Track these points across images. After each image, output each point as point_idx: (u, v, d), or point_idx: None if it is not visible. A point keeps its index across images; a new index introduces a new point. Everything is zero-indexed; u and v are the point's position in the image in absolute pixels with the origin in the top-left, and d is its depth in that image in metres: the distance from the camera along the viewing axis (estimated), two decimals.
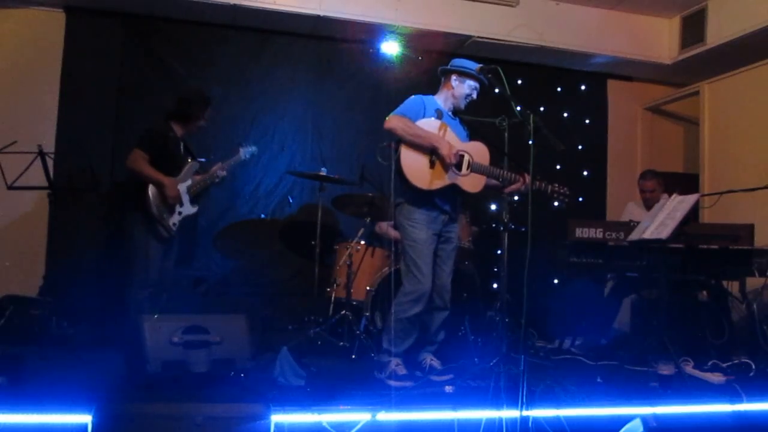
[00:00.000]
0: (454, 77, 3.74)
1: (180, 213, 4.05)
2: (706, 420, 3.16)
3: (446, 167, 3.55)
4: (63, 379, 3.27)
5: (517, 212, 4.26)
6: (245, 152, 4.39)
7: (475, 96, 3.78)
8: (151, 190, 3.94)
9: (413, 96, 3.72)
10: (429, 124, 3.61)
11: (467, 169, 3.64)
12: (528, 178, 3.55)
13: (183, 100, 4.19)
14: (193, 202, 4.13)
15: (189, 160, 4.18)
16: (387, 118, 3.56)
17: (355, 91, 5.80)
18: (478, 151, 3.70)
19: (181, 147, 4.21)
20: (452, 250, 3.78)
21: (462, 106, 3.78)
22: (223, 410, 2.73)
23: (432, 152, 3.54)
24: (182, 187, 4.07)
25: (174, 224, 4.02)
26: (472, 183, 3.69)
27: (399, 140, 3.55)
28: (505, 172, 3.67)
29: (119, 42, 5.35)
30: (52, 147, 4.88)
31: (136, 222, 3.98)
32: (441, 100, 3.78)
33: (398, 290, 3.66)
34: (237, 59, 5.60)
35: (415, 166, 3.54)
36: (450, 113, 3.77)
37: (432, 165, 3.56)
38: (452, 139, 3.62)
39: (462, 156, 3.63)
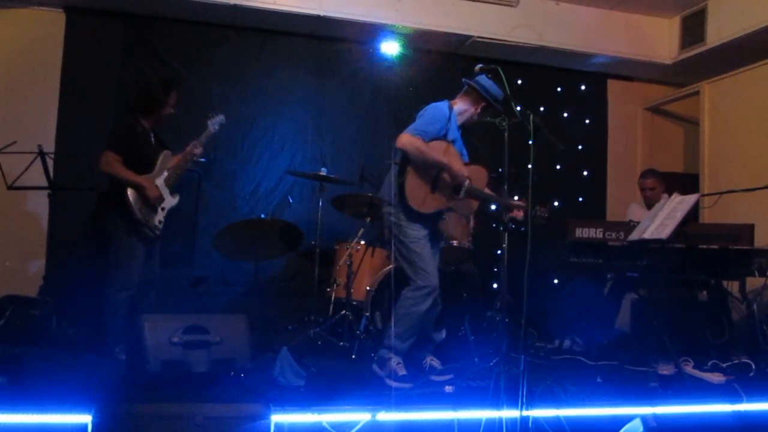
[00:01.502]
0: (484, 104, 3.72)
1: (163, 209, 3.99)
2: (706, 420, 3.16)
3: (447, 192, 3.58)
4: (63, 379, 3.26)
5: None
6: (213, 124, 4.27)
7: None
8: (130, 194, 3.84)
9: (438, 109, 3.67)
10: (438, 148, 3.60)
11: (464, 193, 3.66)
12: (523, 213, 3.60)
13: (141, 91, 4.06)
14: (173, 192, 4.06)
15: (162, 152, 4.08)
16: (401, 135, 3.53)
17: (355, 91, 5.81)
18: (476, 176, 3.71)
19: (152, 139, 4.09)
20: (437, 249, 3.84)
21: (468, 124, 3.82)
22: (223, 410, 2.73)
23: (437, 176, 3.56)
24: (159, 182, 3.99)
25: (159, 222, 3.96)
26: (466, 206, 3.77)
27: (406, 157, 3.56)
28: (501, 199, 3.65)
29: (119, 42, 5.35)
30: (52, 147, 4.87)
31: (118, 226, 3.90)
32: (458, 112, 3.76)
33: (399, 290, 3.67)
34: (237, 59, 5.60)
35: (417, 188, 3.57)
36: (458, 125, 3.78)
37: (433, 190, 3.60)
38: (458, 164, 3.64)
39: None
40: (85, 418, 2.59)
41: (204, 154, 4.31)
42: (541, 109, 6.04)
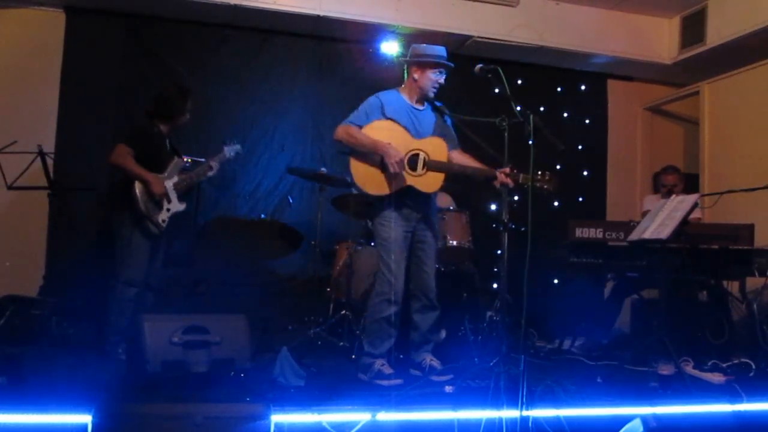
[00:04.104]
0: (414, 69, 3.68)
1: (168, 210, 4.00)
2: (706, 420, 3.15)
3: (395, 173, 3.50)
4: (63, 379, 3.27)
5: (517, 212, 4.26)
6: (229, 150, 4.32)
7: (442, 81, 3.70)
8: (137, 187, 3.90)
9: (368, 100, 3.69)
10: (378, 127, 3.56)
11: (423, 168, 3.58)
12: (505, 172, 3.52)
13: (162, 98, 4.12)
14: (181, 199, 4.08)
15: (175, 158, 4.13)
16: (336, 129, 3.60)
17: (355, 91, 5.76)
18: (434, 148, 3.61)
19: (167, 144, 4.16)
20: (431, 249, 3.72)
21: (431, 94, 3.71)
22: (223, 410, 2.72)
23: (382, 158, 3.52)
24: (168, 184, 4.02)
25: (163, 221, 3.97)
26: (429, 183, 3.59)
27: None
28: (469, 168, 3.61)
29: (119, 42, 5.36)
30: (52, 147, 4.87)
31: (123, 221, 3.94)
32: (406, 92, 3.72)
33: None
34: (237, 59, 5.60)
35: (365, 173, 3.52)
36: (415, 105, 3.71)
37: (383, 170, 3.53)
38: (404, 139, 3.56)
39: (417, 155, 3.58)
40: (85, 418, 2.58)
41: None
42: (541, 109, 6.04)
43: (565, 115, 6.37)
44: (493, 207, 5.38)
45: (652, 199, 5.22)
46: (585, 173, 6.43)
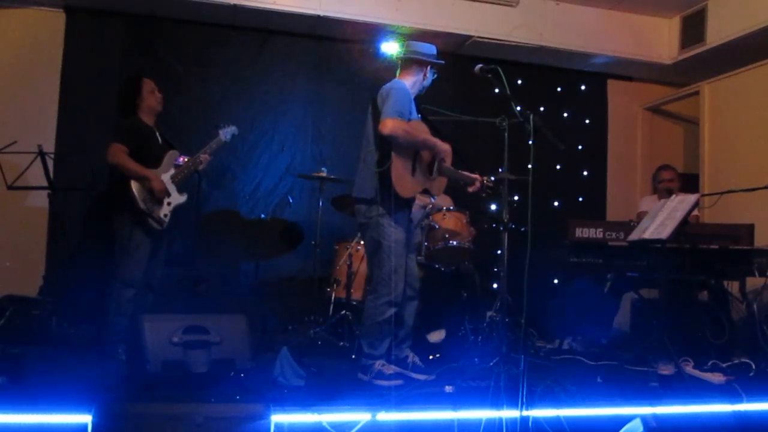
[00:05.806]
0: (429, 67, 3.70)
1: (169, 204, 3.99)
2: (706, 420, 3.16)
3: (424, 173, 3.52)
4: (63, 379, 3.27)
5: (517, 212, 4.26)
6: (225, 133, 4.30)
7: None
8: (134, 186, 3.86)
9: (399, 87, 3.57)
10: (415, 127, 3.52)
11: (436, 172, 3.61)
12: (481, 178, 3.63)
13: (120, 95, 4.16)
14: (180, 190, 4.07)
15: (169, 150, 4.11)
16: (384, 122, 3.37)
17: (355, 91, 5.79)
18: (447, 152, 3.66)
19: (158, 137, 4.14)
20: (413, 239, 3.80)
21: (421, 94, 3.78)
22: (223, 410, 2.73)
23: (415, 158, 3.51)
24: (166, 177, 4.00)
25: (165, 215, 3.96)
26: (439, 186, 3.69)
27: (389, 145, 3.42)
28: (461, 174, 3.67)
29: (119, 42, 5.36)
30: (52, 147, 4.87)
31: (123, 220, 3.92)
32: (409, 87, 3.68)
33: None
34: (237, 59, 5.60)
35: (403, 175, 3.47)
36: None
37: (413, 172, 3.53)
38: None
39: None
40: (85, 418, 2.58)
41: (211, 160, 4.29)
42: (541, 109, 6.04)
43: (565, 115, 6.38)
44: (493, 207, 5.37)
45: (649, 201, 5.23)
46: (585, 173, 6.44)
